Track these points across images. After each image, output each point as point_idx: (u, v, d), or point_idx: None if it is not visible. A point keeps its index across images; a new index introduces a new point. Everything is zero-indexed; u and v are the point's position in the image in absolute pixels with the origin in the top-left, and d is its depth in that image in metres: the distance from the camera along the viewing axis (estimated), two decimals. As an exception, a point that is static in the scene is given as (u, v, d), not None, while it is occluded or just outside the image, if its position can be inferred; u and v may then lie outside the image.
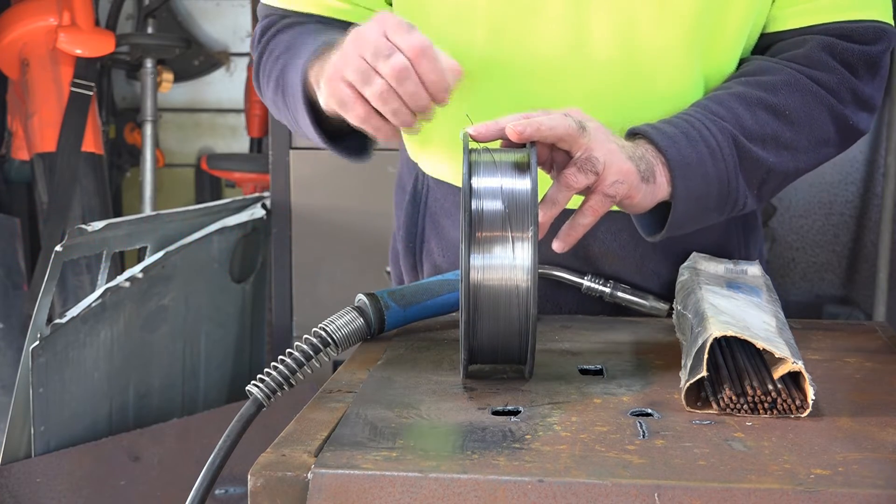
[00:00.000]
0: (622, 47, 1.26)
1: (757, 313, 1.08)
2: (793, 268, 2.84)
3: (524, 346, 1.02)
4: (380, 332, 1.18)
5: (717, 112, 1.23)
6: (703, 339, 0.96)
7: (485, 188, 1.01)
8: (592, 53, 1.26)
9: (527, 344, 1.02)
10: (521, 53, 1.28)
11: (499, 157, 1.04)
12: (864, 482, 0.79)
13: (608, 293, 1.35)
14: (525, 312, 1.01)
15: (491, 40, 1.28)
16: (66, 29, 2.90)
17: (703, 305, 1.07)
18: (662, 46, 1.26)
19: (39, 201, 2.91)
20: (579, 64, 1.27)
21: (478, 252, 1.00)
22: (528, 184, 1.01)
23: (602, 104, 1.26)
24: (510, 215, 1.00)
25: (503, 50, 1.28)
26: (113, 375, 1.99)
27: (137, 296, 2.04)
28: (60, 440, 1.90)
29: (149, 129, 3.14)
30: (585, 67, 1.27)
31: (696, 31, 1.27)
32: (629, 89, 1.28)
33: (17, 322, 2.79)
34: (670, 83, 1.28)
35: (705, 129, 1.21)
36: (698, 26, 1.27)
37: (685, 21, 1.26)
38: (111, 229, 2.02)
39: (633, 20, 1.25)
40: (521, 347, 1.03)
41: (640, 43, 1.26)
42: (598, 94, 1.27)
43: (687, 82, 1.29)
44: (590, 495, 0.78)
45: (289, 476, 0.80)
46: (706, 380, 0.95)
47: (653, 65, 1.27)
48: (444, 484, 0.79)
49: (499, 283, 1.00)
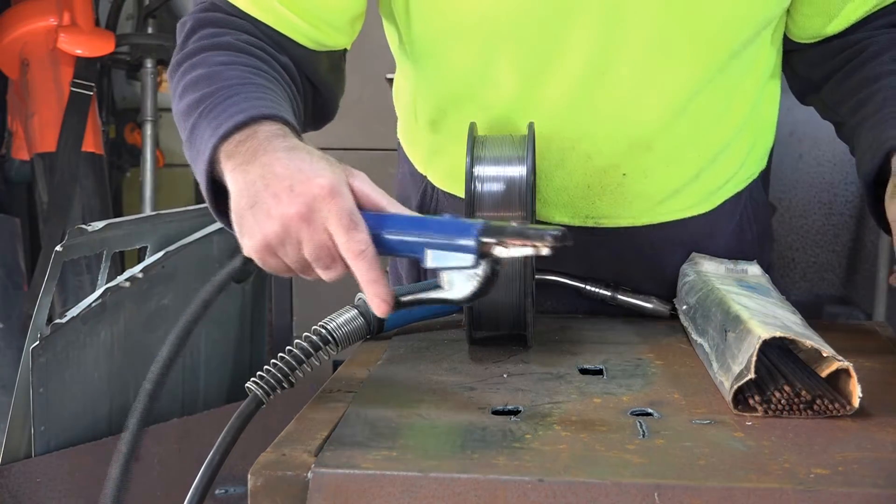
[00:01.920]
0: (645, 85, 1.26)
1: (783, 312, 1.08)
2: (793, 268, 2.84)
3: (523, 313, 1.13)
4: (379, 331, 1.18)
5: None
6: (750, 342, 0.95)
7: (485, 174, 1.11)
8: (614, 91, 1.25)
9: (525, 312, 1.12)
10: (544, 91, 1.26)
11: (499, 148, 1.12)
12: (864, 482, 0.79)
13: (610, 296, 1.35)
14: (522, 284, 1.10)
15: (518, 86, 1.27)
16: (66, 29, 2.90)
17: (732, 306, 1.07)
18: (686, 85, 1.26)
19: (39, 201, 2.91)
20: (601, 98, 1.26)
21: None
22: (523, 171, 1.12)
23: (622, 139, 1.27)
24: (508, 197, 1.11)
25: (528, 89, 1.27)
26: (113, 375, 1.99)
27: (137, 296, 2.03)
28: (60, 440, 1.90)
29: (149, 129, 3.14)
30: (607, 102, 1.26)
31: (722, 71, 1.27)
32: (648, 124, 1.28)
33: (17, 322, 2.79)
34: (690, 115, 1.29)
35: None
36: (724, 66, 1.27)
37: (710, 63, 1.26)
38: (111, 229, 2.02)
39: (660, 56, 1.24)
40: (520, 314, 1.13)
41: (665, 81, 1.26)
42: (618, 128, 1.28)
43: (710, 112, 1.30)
44: (590, 495, 0.78)
45: (289, 475, 0.80)
46: (751, 381, 0.94)
47: (676, 101, 1.27)
48: (444, 483, 0.79)
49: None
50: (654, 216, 1.34)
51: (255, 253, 0.99)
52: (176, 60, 1.20)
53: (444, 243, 0.93)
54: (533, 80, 1.26)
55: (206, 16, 1.22)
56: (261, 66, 1.17)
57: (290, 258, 0.98)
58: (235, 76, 1.12)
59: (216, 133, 1.04)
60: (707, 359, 1.08)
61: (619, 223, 1.34)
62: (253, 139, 1.02)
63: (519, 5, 1.21)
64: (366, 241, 0.94)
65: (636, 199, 1.32)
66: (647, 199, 1.33)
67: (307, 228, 0.95)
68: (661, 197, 1.33)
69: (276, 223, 0.96)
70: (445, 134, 1.34)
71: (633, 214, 1.33)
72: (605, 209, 1.32)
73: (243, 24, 1.22)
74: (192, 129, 1.10)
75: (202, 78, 1.13)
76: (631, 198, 1.32)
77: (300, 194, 0.95)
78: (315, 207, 0.94)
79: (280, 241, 0.96)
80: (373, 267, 0.94)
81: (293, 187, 0.95)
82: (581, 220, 1.33)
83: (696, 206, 1.36)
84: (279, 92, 1.14)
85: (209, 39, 1.19)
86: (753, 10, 1.24)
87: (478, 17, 1.23)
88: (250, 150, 1.01)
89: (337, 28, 1.25)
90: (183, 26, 1.24)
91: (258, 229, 0.97)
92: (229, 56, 1.16)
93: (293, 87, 1.21)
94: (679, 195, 1.34)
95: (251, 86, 1.11)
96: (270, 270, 1.01)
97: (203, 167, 1.05)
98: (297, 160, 0.98)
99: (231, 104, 1.07)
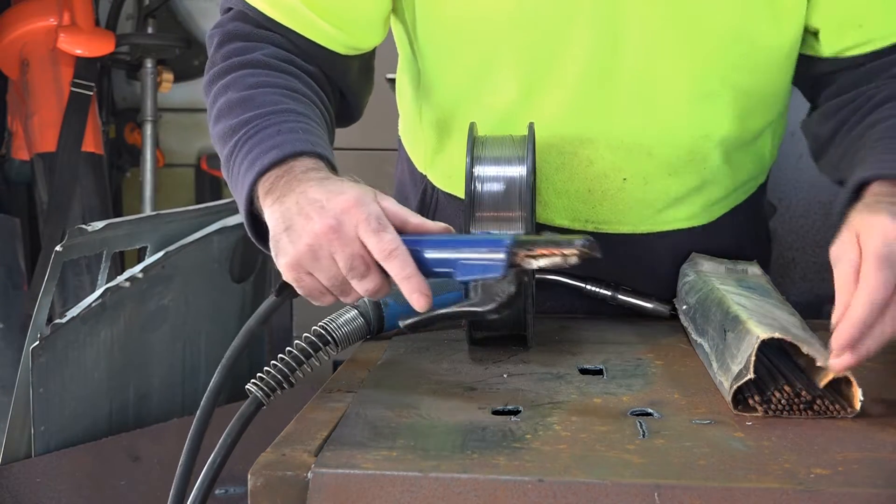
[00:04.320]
0: (644, 91, 1.26)
1: (781, 313, 1.08)
2: (793, 268, 2.84)
3: (523, 313, 1.12)
4: (379, 331, 1.18)
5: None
6: (749, 341, 0.95)
7: (485, 174, 1.12)
8: (614, 96, 1.26)
9: (525, 312, 1.12)
10: (545, 96, 1.27)
11: (499, 149, 1.12)
12: (864, 482, 0.79)
13: (610, 296, 1.35)
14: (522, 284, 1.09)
15: (519, 90, 1.27)
16: (66, 29, 2.90)
17: (731, 306, 1.07)
18: (685, 92, 1.26)
19: (39, 201, 2.91)
20: (602, 103, 1.26)
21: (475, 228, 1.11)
22: (523, 171, 1.13)
23: (622, 144, 1.27)
24: (507, 197, 1.12)
25: (532, 98, 1.27)
26: (113, 375, 1.99)
27: (137, 296, 2.03)
28: (60, 440, 1.90)
29: (149, 129, 3.14)
30: (608, 107, 1.26)
31: (722, 83, 1.27)
32: (648, 129, 1.28)
33: (17, 322, 2.79)
34: (688, 125, 1.29)
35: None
36: (725, 78, 1.27)
37: (712, 73, 1.26)
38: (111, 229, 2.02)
39: (659, 63, 1.24)
40: (520, 314, 1.12)
41: (663, 87, 1.26)
42: (618, 134, 1.28)
43: (705, 127, 1.29)
44: (590, 495, 0.78)
45: (289, 476, 0.81)
46: (751, 382, 0.94)
47: (673, 108, 1.27)
48: (444, 483, 0.79)
49: None
50: (654, 224, 1.34)
51: (291, 271, 1.00)
52: (208, 78, 1.23)
53: (477, 257, 0.97)
54: (533, 85, 1.26)
55: (234, 28, 1.23)
56: (293, 86, 1.18)
57: (325, 273, 0.99)
58: (269, 101, 1.14)
59: (252, 169, 1.08)
60: (707, 359, 1.08)
61: (620, 229, 1.34)
62: (289, 175, 1.05)
63: (518, 11, 1.21)
64: (396, 241, 0.97)
65: (636, 206, 1.32)
66: (648, 206, 1.33)
67: (338, 240, 0.98)
68: (662, 205, 1.33)
69: (309, 238, 0.99)
70: (447, 135, 1.34)
71: (633, 221, 1.34)
72: (605, 214, 1.32)
73: (270, 35, 1.22)
74: (229, 159, 1.13)
75: (236, 103, 1.15)
76: (631, 204, 1.32)
77: (329, 210, 0.99)
78: (344, 220, 0.98)
79: (314, 255, 0.98)
80: (407, 264, 0.97)
81: (323, 206, 0.99)
82: (581, 224, 1.33)
83: (697, 217, 1.36)
84: (312, 114, 1.15)
85: (238, 56, 1.20)
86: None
87: (478, 21, 1.23)
88: (286, 185, 1.04)
89: (368, 29, 1.26)
90: (211, 40, 1.25)
91: (292, 248, 1.00)
92: (260, 76, 1.18)
93: (323, 99, 1.22)
94: (680, 205, 1.34)
95: (285, 114, 1.12)
96: (307, 292, 1.02)
97: (243, 202, 1.09)
98: (328, 184, 1.01)
99: (266, 137, 1.10)
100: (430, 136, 1.38)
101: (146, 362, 2.10)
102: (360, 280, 0.99)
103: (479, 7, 1.22)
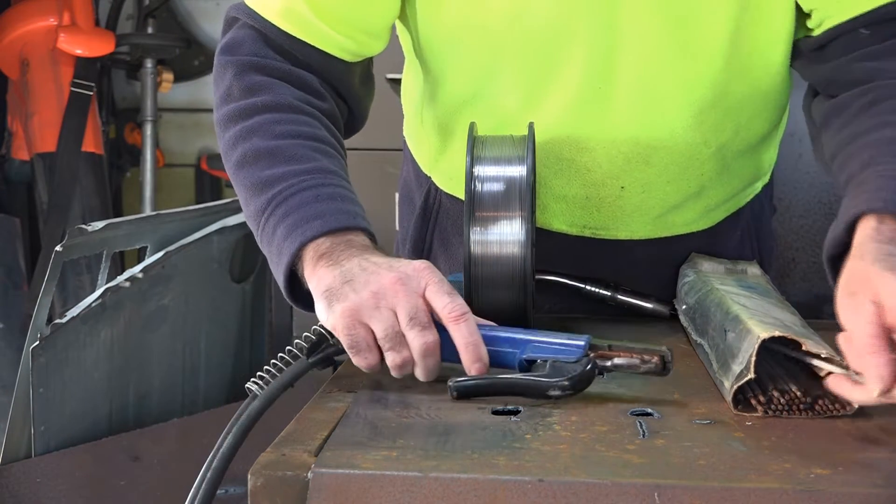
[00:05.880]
0: (642, 101, 1.26)
1: (781, 313, 1.08)
2: (793, 268, 2.84)
3: (523, 313, 1.13)
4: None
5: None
6: (750, 341, 0.95)
7: (485, 174, 1.13)
8: (612, 106, 1.26)
9: (525, 312, 1.13)
10: (545, 104, 1.27)
11: (499, 148, 1.13)
12: (864, 482, 0.79)
13: (609, 296, 1.35)
14: (521, 280, 1.11)
15: (519, 96, 1.27)
16: (66, 29, 2.90)
17: (731, 306, 1.07)
18: (683, 102, 1.26)
19: (39, 201, 2.91)
20: (599, 111, 1.26)
21: (475, 227, 1.12)
22: (523, 170, 1.13)
23: (620, 152, 1.27)
24: (507, 197, 1.12)
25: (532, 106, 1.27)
26: (113, 375, 1.99)
27: (137, 296, 2.03)
28: (60, 440, 1.90)
29: (149, 129, 3.14)
30: (605, 115, 1.26)
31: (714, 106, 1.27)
32: (645, 138, 1.28)
33: (17, 322, 2.79)
34: (684, 134, 1.28)
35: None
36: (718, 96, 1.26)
37: (706, 92, 1.26)
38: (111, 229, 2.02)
39: (657, 74, 1.24)
40: (520, 314, 1.13)
41: (661, 97, 1.26)
42: (616, 143, 1.28)
43: (700, 144, 1.29)
44: (590, 495, 0.78)
45: (289, 476, 0.80)
46: (751, 381, 0.94)
47: (670, 117, 1.27)
48: (444, 483, 0.79)
49: (497, 254, 1.11)
50: (652, 230, 1.34)
51: (346, 317, 1.00)
52: (227, 113, 1.22)
53: (555, 340, 1.00)
54: (533, 91, 1.26)
55: (249, 58, 1.22)
56: (318, 135, 1.18)
57: (382, 323, 0.99)
58: (299, 155, 1.14)
59: (302, 231, 1.07)
60: (707, 359, 1.08)
61: (618, 235, 1.34)
62: (349, 246, 1.06)
63: (517, 20, 1.22)
64: (465, 306, 0.99)
65: (635, 213, 1.32)
66: (646, 213, 1.33)
67: (404, 291, 0.99)
68: (660, 212, 1.33)
69: (374, 287, 1.00)
70: (449, 138, 1.35)
71: (631, 228, 1.34)
72: (603, 221, 1.33)
73: (283, 66, 1.21)
74: (262, 214, 1.13)
75: (263, 153, 1.15)
76: (629, 211, 1.32)
77: (397, 269, 1.01)
78: (412, 275, 1.00)
79: (375, 302, 0.99)
80: (473, 331, 0.99)
81: (391, 265, 1.01)
82: (579, 229, 1.33)
83: (696, 223, 1.36)
84: (340, 169, 1.16)
85: (260, 97, 1.19)
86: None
87: (478, 29, 1.24)
88: (345, 251, 1.05)
89: (374, 35, 1.26)
90: (224, 70, 1.25)
91: (354, 295, 1.00)
92: (285, 123, 1.17)
93: (339, 139, 1.23)
94: (678, 211, 1.34)
95: (320, 175, 1.13)
96: (353, 343, 1.00)
97: (287, 260, 1.08)
98: (393, 259, 1.04)
99: (308, 200, 1.10)
100: (433, 139, 1.38)
101: (146, 362, 2.10)
102: (420, 331, 0.98)
103: (478, 15, 1.23)
